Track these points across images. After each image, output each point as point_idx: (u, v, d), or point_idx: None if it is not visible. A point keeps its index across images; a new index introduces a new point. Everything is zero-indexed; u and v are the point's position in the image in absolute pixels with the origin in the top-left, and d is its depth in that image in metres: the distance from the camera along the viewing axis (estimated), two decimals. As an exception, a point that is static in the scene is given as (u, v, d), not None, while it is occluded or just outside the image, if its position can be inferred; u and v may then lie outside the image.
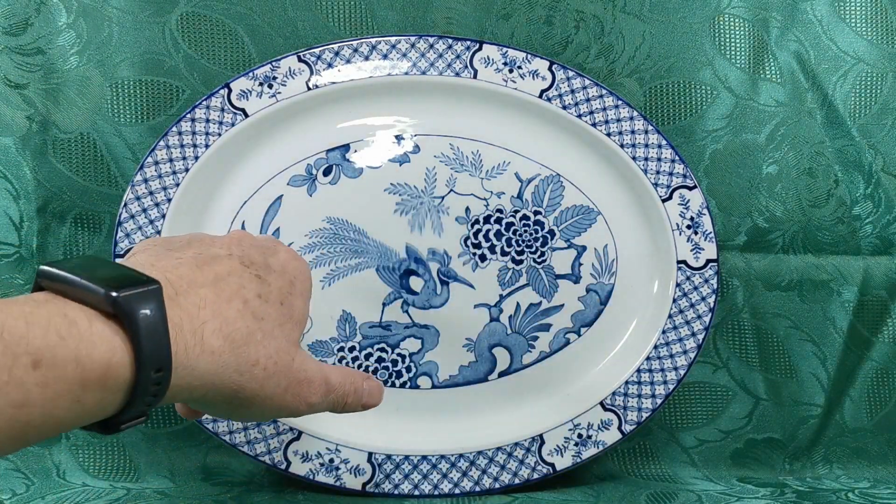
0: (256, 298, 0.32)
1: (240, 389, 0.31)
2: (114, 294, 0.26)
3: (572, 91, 0.50)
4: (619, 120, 0.50)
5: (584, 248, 0.51)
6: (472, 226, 0.51)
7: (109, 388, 0.26)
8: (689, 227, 0.50)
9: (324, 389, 0.34)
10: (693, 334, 0.50)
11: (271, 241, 0.37)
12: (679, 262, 0.50)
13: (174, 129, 0.49)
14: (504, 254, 0.51)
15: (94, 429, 0.27)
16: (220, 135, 0.49)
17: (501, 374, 0.51)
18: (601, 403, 0.50)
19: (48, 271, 0.27)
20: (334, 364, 0.50)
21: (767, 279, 0.55)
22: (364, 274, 0.50)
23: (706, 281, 0.50)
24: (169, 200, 0.49)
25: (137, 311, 0.26)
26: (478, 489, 0.49)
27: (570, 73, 0.50)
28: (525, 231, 0.51)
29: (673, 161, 0.50)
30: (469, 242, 0.51)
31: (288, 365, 0.32)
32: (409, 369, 0.50)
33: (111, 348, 0.26)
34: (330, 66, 0.50)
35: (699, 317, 0.50)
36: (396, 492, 0.49)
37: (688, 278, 0.50)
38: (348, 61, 0.50)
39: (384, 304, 0.50)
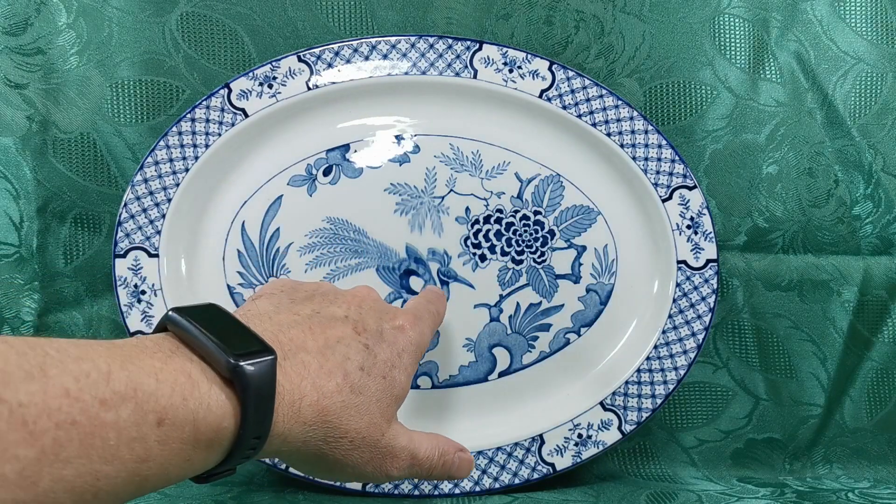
0: (358, 371, 0.32)
1: (323, 456, 0.32)
2: (233, 362, 0.27)
3: (572, 91, 0.50)
4: (619, 120, 0.50)
5: (584, 248, 0.51)
6: (472, 226, 0.51)
7: (214, 450, 0.27)
8: (689, 227, 0.50)
9: (408, 463, 0.35)
10: (693, 334, 0.50)
11: (393, 309, 0.37)
12: (679, 262, 0.50)
13: (174, 129, 0.49)
14: (504, 254, 0.51)
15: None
16: (220, 135, 0.49)
17: (501, 374, 0.51)
18: (601, 403, 0.50)
19: (178, 321, 0.29)
20: None
21: (767, 279, 0.55)
22: (364, 274, 0.50)
23: (706, 281, 0.50)
24: (169, 200, 0.49)
25: (252, 383, 0.27)
26: (478, 489, 0.49)
27: (570, 73, 0.50)
28: (525, 231, 0.51)
29: (673, 161, 0.50)
30: (469, 242, 0.51)
31: (376, 440, 0.33)
32: (409, 369, 0.50)
33: (224, 413, 0.27)
34: (330, 66, 0.50)
35: (699, 317, 0.50)
36: (396, 492, 0.49)
37: (688, 278, 0.50)
38: (348, 61, 0.50)
39: (384, 304, 0.50)
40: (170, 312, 0.29)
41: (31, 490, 0.22)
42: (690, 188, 0.50)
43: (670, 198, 0.50)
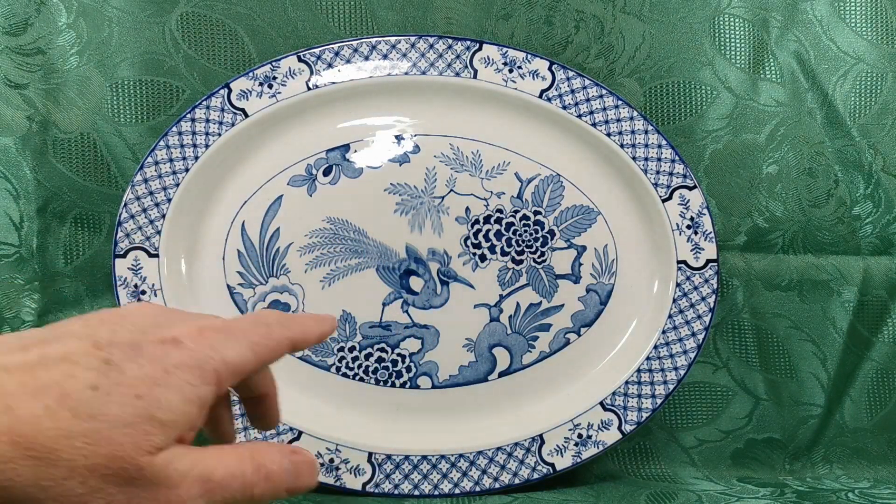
0: (87, 391, 0.25)
1: None
2: None
3: (572, 91, 0.50)
4: (619, 120, 0.50)
5: (584, 248, 0.51)
6: (472, 226, 0.51)
7: None
8: (689, 227, 0.50)
9: (200, 490, 0.27)
10: (693, 334, 0.50)
11: (175, 321, 0.29)
12: (679, 262, 0.50)
13: (174, 129, 0.49)
14: (504, 254, 0.51)
15: None
16: (220, 135, 0.49)
17: (501, 374, 0.51)
18: (601, 403, 0.50)
19: None
20: (334, 366, 0.50)
21: (767, 279, 0.55)
22: (364, 274, 0.50)
23: (706, 281, 0.50)
24: (169, 200, 0.49)
25: None
26: (478, 489, 0.49)
27: (570, 73, 0.50)
28: (525, 231, 0.51)
29: (673, 161, 0.50)
30: (469, 242, 0.51)
31: (130, 476, 0.25)
32: (409, 369, 0.50)
33: None
34: (330, 66, 0.50)
35: (699, 317, 0.50)
36: (396, 492, 0.49)
37: (688, 278, 0.50)
38: (348, 61, 0.50)
39: (384, 304, 0.50)
40: None
41: None
42: (690, 188, 0.50)
43: (670, 198, 0.50)
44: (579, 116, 0.50)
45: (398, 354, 0.50)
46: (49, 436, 0.24)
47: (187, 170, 0.49)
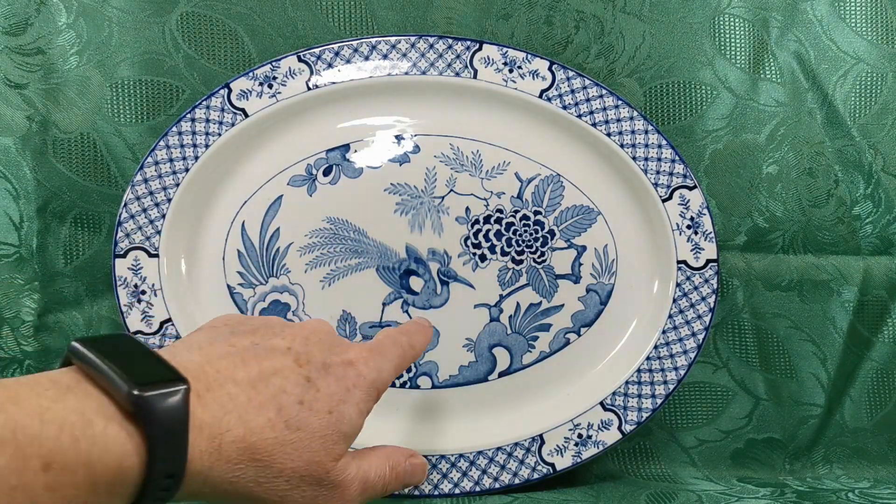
0: (296, 405, 0.30)
1: (257, 499, 0.29)
2: (136, 393, 0.25)
3: (572, 91, 0.50)
4: (619, 120, 0.50)
5: (584, 248, 0.51)
6: (472, 226, 0.51)
7: (117, 494, 0.25)
8: (689, 227, 0.50)
9: (360, 490, 0.33)
10: (693, 334, 0.50)
11: (345, 343, 0.34)
12: (679, 262, 0.50)
13: (174, 129, 0.49)
14: (504, 254, 0.51)
15: None
16: (220, 135, 0.49)
17: (501, 374, 0.51)
18: (601, 403, 0.50)
19: (78, 351, 0.26)
20: None
21: (767, 279, 0.55)
22: (364, 274, 0.50)
23: (706, 281, 0.50)
24: (169, 200, 0.49)
25: (158, 415, 0.25)
26: (478, 489, 0.49)
27: (570, 73, 0.50)
28: (525, 231, 0.51)
29: (673, 161, 0.50)
30: (469, 242, 0.51)
31: (320, 478, 0.30)
32: (409, 369, 0.50)
33: (124, 452, 0.25)
34: (330, 66, 0.50)
35: (699, 317, 0.50)
36: (396, 492, 0.49)
37: (688, 278, 0.50)
38: (348, 61, 0.50)
39: (384, 304, 0.50)
40: (72, 342, 0.27)
41: None
42: (690, 188, 0.50)
43: (670, 198, 0.50)
44: (579, 116, 0.50)
45: (398, 354, 0.50)
46: (269, 443, 0.29)
47: (187, 170, 0.49)
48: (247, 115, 0.49)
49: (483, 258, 0.51)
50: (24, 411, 0.23)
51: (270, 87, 0.49)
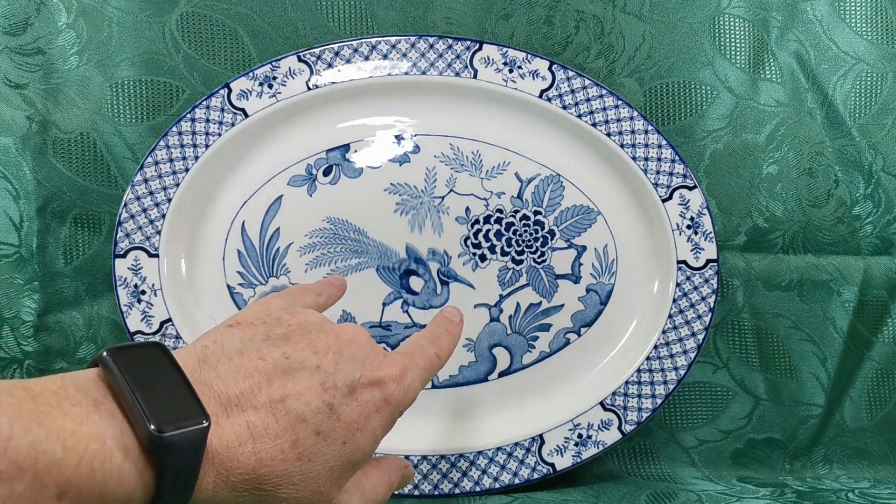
0: (313, 436, 0.29)
1: None
2: (156, 433, 0.25)
3: (572, 91, 0.50)
4: (619, 120, 0.50)
5: (584, 248, 0.51)
6: (472, 226, 0.51)
7: None
8: (689, 227, 0.50)
9: None
10: (693, 334, 0.50)
11: (379, 356, 0.32)
12: (679, 262, 0.50)
13: (174, 129, 0.49)
14: (504, 254, 0.51)
15: None
16: (220, 135, 0.49)
17: (501, 374, 0.51)
18: (601, 403, 0.50)
19: (109, 366, 0.26)
20: None
21: (767, 279, 0.55)
22: (364, 274, 0.50)
23: (706, 281, 0.50)
24: (169, 200, 0.49)
25: (173, 453, 0.25)
26: (478, 489, 0.49)
27: (570, 73, 0.50)
28: (525, 231, 0.51)
29: (673, 161, 0.50)
30: (469, 242, 0.51)
31: None
32: (409, 369, 0.50)
33: (135, 486, 0.25)
34: (330, 66, 0.50)
35: (699, 317, 0.50)
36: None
37: (688, 278, 0.50)
38: (348, 61, 0.50)
39: (384, 304, 0.50)
40: (105, 353, 0.26)
41: None
42: (690, 188, 0.50)
43: (670, 198, 0.50)
44: (579, 116, 0.50)
45: (398, 354, 0.50)
46: (277, 474, 0.28)
47: (187, 170, 0.49)
48: (247, 115, 0.49)
49: (483, 258, 0.51)
50: (50, 434, 0.23)
51: (270, 87, 0.49)
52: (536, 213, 0.51)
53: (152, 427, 0.25)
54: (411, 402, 0.33)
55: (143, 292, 0.48)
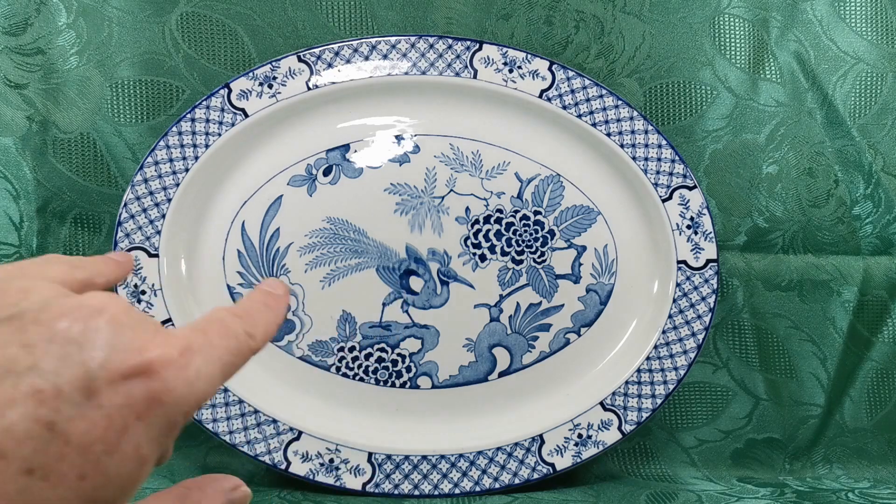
0: (21, 477, 0.18)
1: None
2: None
3: (572, 91, 0.50)
4: (619, 120, 0.50)
5: (584, 248, 0.51)
6: (472, 226, 0.51)
7: None
8: (689, 227, 0.50)
9: None
10: (693, 334, 0.50)
11: (148, 331, 0.21)
12: (679, 262, 0.50)
13: (174, 129, 0.49)
14: (504, 254, 0.51)
15: None
16: (220, 135, 0.49)
17: (501, 374, 0.51)
18: (601, 403, 0.50)
19: None
20: (334, 366, 0.50)
21: (767, 279, 0.55)
22: (364, 274, 0.50)
23: (706, 281, 0.50)
24: (169, 200, 0.49)
25: None
26: (478, 489, 0.49)
27: (570, 73, 0.50)
28: (525, 231, 0.51)
29: (673, 161, 0.50)
30: (469, 242, 0.51)
31: None
32: (409, 369, 0.50)
33: None
34: (330, 66, 0.50)
35: (699, 317, 0.50)
36: (396, 492, 0.49)
37: (688, 278, 0.50)
38: (348, 61, 0.50)
39: (384, 304, 0.50)
40: None
41: None
42: (690, 188, 0.50)
43: (670, 198, 0.50)
44: (579, 116, 0.50)
45: (398, 354, 0.50)
46: None
47: (187, 170, 0.49)
48: (247, 115, 0.49)
49: (483, 258, 0.51)
50: None
51: (270, 87, 0.49)
52: (536, 213, 0.51)
53: None
54: (202, 398, 0.21)
55: (144, 292, 0.48)
